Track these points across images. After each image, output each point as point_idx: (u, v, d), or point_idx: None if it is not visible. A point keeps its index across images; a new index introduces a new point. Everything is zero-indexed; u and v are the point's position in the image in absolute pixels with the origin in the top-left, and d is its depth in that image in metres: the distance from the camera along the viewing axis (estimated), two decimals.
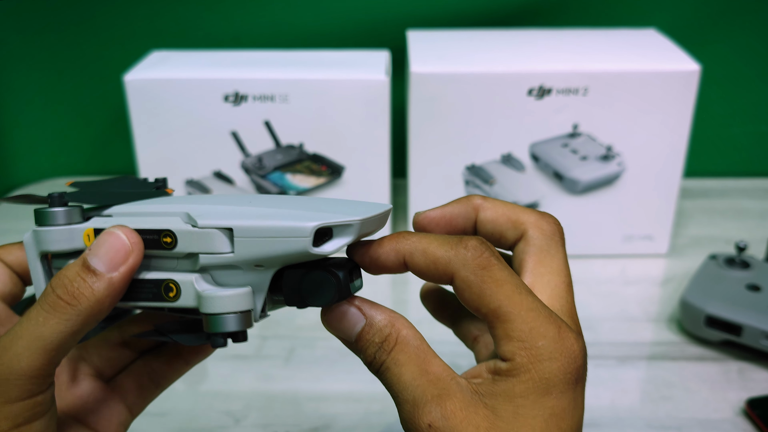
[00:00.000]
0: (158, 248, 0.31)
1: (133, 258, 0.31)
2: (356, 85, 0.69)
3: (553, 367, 0.29)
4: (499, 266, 0.30)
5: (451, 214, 0.35)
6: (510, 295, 0.29)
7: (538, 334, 0.29)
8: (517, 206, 0.35)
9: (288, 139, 0.71)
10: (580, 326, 0.33)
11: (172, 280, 0.32)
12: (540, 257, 0.33)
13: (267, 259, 0.30)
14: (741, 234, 0.79)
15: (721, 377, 0.58)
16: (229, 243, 0.30)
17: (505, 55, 0.70)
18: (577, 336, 0.30)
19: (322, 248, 0.30)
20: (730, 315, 0.59)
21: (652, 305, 0.68)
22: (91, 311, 0.30)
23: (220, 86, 0.69)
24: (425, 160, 0.71)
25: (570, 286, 0.33)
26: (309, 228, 0.29)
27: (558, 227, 0.34)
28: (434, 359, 0.31)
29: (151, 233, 0.31)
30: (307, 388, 0.58)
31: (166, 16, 0.85)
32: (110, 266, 0.30)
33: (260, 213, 0.31)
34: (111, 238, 0.31)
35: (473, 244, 0.30)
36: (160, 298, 0.32)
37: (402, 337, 0.31)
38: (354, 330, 0.32)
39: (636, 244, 0.75)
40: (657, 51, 0.71)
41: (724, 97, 0.89)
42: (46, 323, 0.29)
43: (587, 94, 0.68)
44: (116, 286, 0.30)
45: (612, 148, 0.70)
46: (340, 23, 0.85)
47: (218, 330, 0.31)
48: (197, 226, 0.31)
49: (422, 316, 0.36)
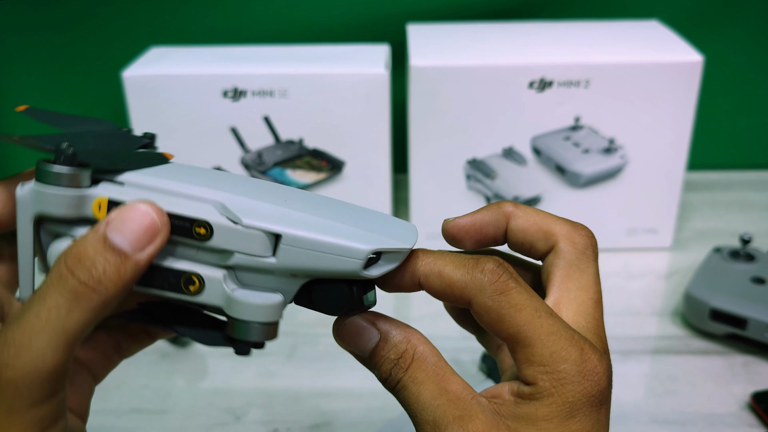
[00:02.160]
0: (188, 237, 0.28)
1: (161, 238, 0.28)
2: (356, 79, 0.68)
3: (577, 390, 0.28)
4: (518, 290, 0.29)
5: (481, 222, 0.34)
6: (529, 320, 0.29)
7: (559, 358, 0.28)
8: (549, 215, 0.34)
9: (287, 135, 0.71)
10: (607, 344, 0.32)
11: (195, 273, 0.29)
12: (569, 272, 0.32)
13: (309, 271, 0.29)
14: (745, 227, 0.78)
15: (726, 371, 0.58)
16: (272, 248, 0.28)
17: (506, 48, 0.70)
18: (600, 357, 0.29)
19: (369, 271, 0.29)
20: (735, 308, 0.58)
21: (656, 299, 0.67)
22: (116, 298, 0.27)
23: (219, 82, 0.68)
24: (426, 155, 0.70)
25: (599, 303, 0.32)
26: (365, 251, 0.28)
27: (591, 240, 0.33)
28: (453, 377, 0.30)
29: (183, 220, 0.28)
30: (308, 384, 0.57)
31: (164, 12, 0.85)
32: (136, 245, 0.27)
33: (311, 223, 0.29)
34: (137, 214, 0.27)
35: (490, 267, 0.29)
36: (177, 289, 0.29)
37: (419, 354, 0.30)
38: (368, 345, 0.31)
39: (640, 237, 0.74)
40: (659, 42, 0.70)
41: (728, 89, 0.88)
42: (69, 314, 0.26)
43: (589, 86, 0.67)
44: (141, 269, 0.27)
45: (614, 140, 0.70)
46: (340, 17, 0.84)
47: (245, 338, 0.29)
48: (241, 224, 0.28)
49: (423, 313, 0.36)
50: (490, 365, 0.56)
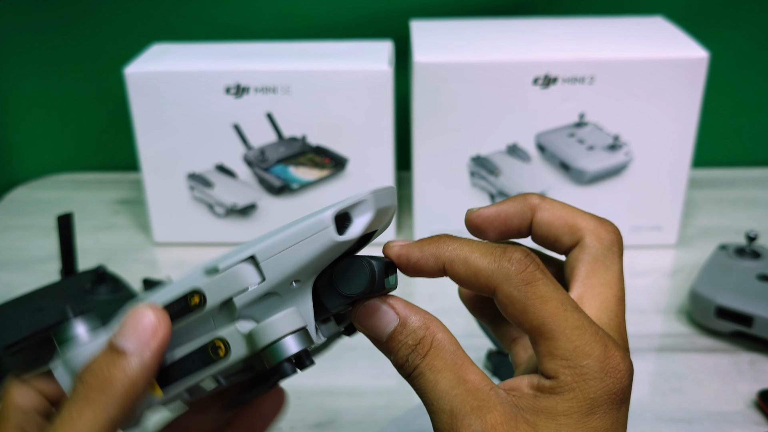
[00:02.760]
0: (190, 313, 0.30)
1: (162, 331, 0.29)
2: (359, 76, 0.68)
3: (598, 387, 0.28)
4: (544, 281, 0.29)
5: (506, 213, 0.33)
6: (555, 312, 0.28)
7: (583, 353, 0.28)
8: (576, 210, 0.33)
9: (290, 131, 0.71)
10: (628, 342, 0.32)
11: (216, 338, 0.30)
12: (594, 267, 0.32)
13: (299, 270, 0.29)
14: (751, 224, 0.78)
15: (732, 369, 0.57)
16: (257, 272, 0.29)
17: (510, 44, 0.69)
18: (624, 354, 0.29)
19: (347, 233, 0.29)
20: (741, 306, 0.58)
21: (662, 296, 0.67)
22: (126, 395, 0.28)
23: (221, 78, 0.68)
24: (429, 152, 0.70)
25: (622, 300, 0.32)
26: (327, 216, 0.28)
27: (617, 237, 0.33)
28: (471, 367, 0.30)
29: (178, 302, 0.30)
30: (311, 382, 0.57)
31: (166, 8, 0.85)
32: (139, 343, 0.29)
33: (273, 232, 0.30)
34: (135, 316, 0.29)
35: (518, 257, 0.29)
36: (211, 362, 0.30)
37: (437, 341, 0.30)
38: (386, 329, 0.31)
39: (644, 234, 0.74)
40: (664, 38, 0.70)
41: (733, 86, 0.88)
42: (80, 417, 0.28)
43: (593, 82, 0.67)
44: (148, 364, 0.29)
45: (619, 137, 0.69)
46: (343, 13, 0.84)
47: (280, 358, 0.29)
48: (219, 270, 0.29)
49: (427, 309, 0.35)
50: (496, 363, 0.55)
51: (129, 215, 0.82)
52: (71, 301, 0.33)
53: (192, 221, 0.75)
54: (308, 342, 0.30)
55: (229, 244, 0.75)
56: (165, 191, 0.73)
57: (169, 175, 0.72)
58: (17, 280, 0.70)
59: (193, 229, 0.75)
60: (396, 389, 0.56)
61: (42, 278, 0.69)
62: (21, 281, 0.69)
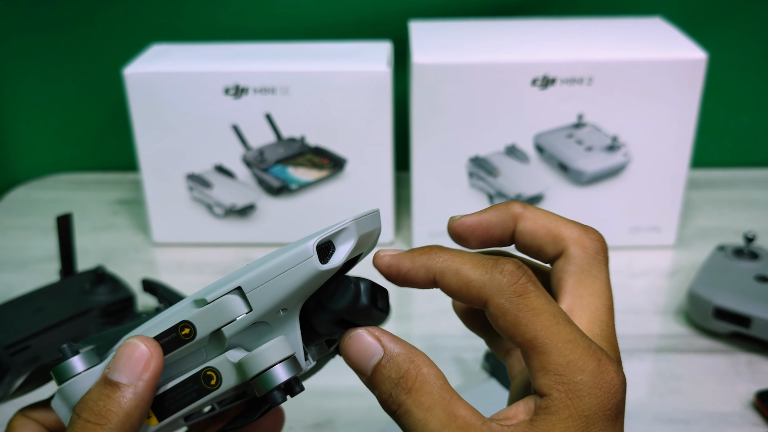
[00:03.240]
0: (181, 344, 0.31)
1: (155, 363, 0.30)
2: (358, 76, 0.68)
3: (593, 403, 0.27)
4: (536, 293, 0.28)
5: (488, 222, 0.33)
6: (547, 326, 0.28)
7: (576, 368, 0.27)
8: (559, 218, 0.33)
9: (289, 132, 0.71)
10: (619, 352, 0.31)
11: (207, 368, 0.31)
12: (581, 278, 0.31)
13: (285, 299, 0.29)
14: (749, 225, 0.78)
15: (730, 369, 0.57)
16: (244, 303, 0.30)
17: (509, 45, 0.69)
18: (617, 368, 0.28)
19: (330, 262, 0.29)
20: (739, 306, 0.58)
21: (660, 297, 0.67)
22: (122, 427, 0.29)
23: (220, 79, 0.68)
24: (428, 152, 0.70)
25: (611, 309, 0.31)
26: (309, 246, 0.29)
27: (602, 245, 0.32)
28: (459, 402, 0.29)
29: (168, 333, 0.31)
30: (309, 383, 0.57)
31: (165, 9, 0.85)
32: (133, 376, 0.29)
33: (259, 263, 0.30)
34: (128, 349, 0.30)
35: (509, 268, 0.29)
36: (204, 392, 0.31)
37: (422, 376, 0.29)
38: (370, 362, 0.30)
39: (643, 235, 0.74)
40: (663, 39, 0.70)
41: (732, 86, 0.88)
42: None
43: (592, 83, 0.67)
44: (143, 395, 0.29)
45: (617, 138, 0.69)
46: (342, 14, 0.84)
47: (270, 387, 0.30)
48: (207, 302, 0.30)
49: (425, 311, 0.35)
50: (493, 364, 0.56)
51: (128, 215, 0.82)
52: (68, 341, 0.33)
53: (191, 222, 0.75)
54: (297, 369, 0.30)
55: (228, 244, 0.75)
56: (164, 192, 0.73)
57: (168, 176, 0.73)
58: (16, 280, 0.70)
59: (192, 229, 0.75)
60: None
61: (41, 278, 0.69)
62: (20, 281, 0.69)
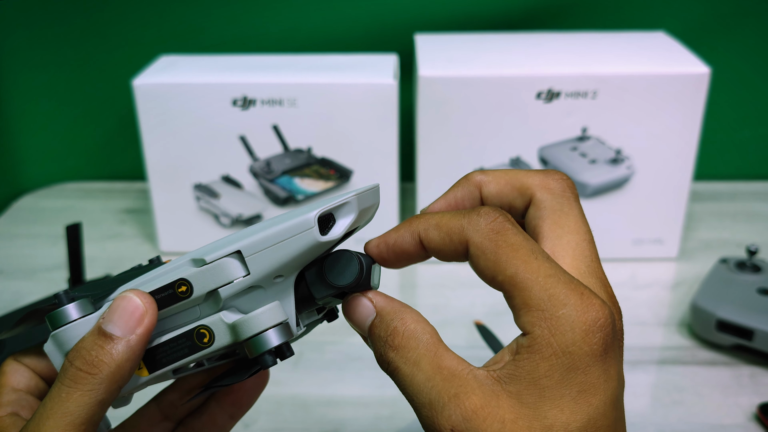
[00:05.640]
0: (176, 301, 0.31)
1: (149, 318, 0.30)
2: (364, 89, 0.68)
3: (576, 338, 0.26)
4: (514, 231, 0.28)
5: (455, 199, 0.33)
6: (526, 260, 0.28)
7: (558, 302, 0.27)
8: (519, 171, 0.33)
9: (296, 143, 0.71)
10: (609, 285, 0.30)
11: (201, 326, 0.31)
12: (554, 219, 0.31)
13: (283, 266, 0.30)
14: (752, 237, 0.78)
15: (733, 382, 0.58)
16: (242, 266, 0.30)
17: (514, 59, 0.70)
18: (602, 302, 0.27)
19: (330, 234, 0.30)
20: (742, 319, 0.59)
21: (663, 309, 0.67)
22: (113, 377, 0.30)
23: (228, 90, 0.69)
24: (434, 164, 0.71)
25: (592, 243, 0.31)
26: (311, 217, 0.29)
27: (567, 182, 0.32)
28: (446, 353, 0.29)
29: (165, 289, 0.31)
30: (315, 392, 0.57)
31: (174, 20, 0.85)
32: (126, 329, 0.30)
33: (260, 227, 0.31)
34: (123, 302, 0.30)
35: (485, 210, 0.29)
36: (196, 348, 0.32)
37: (409, 332, 0.29)
38: (366, 323, 0.31)
39: (646, 247, 0.74)
40: (666, 54, 0.71)
41: (735, 100, 0.88)
42: (69, 398, 0.29)
43: (596, 97, 0.68)
44: (135, 348, 0.30)
45: (621, 151, 0.70)
46: (349, 27, 0.85)
47: (262, 350, 0.30)
48: (206, 262, 0.31)
49: (439, 319, 0.35)
50: None
51: (135, 224, 0.83)
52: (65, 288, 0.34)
53: (198, 231, 0.75)
54: (288, 335, 0.31)
55: None
56: (171, 201, 0.74)
57: (176, 186, 0.73)
58: (24, 289, 0.71)
59: (198, 238, 0.76)
60: (400, 399, 0.57)
61: (49, 287, 0.69)
62: (28, 289, 0.70)
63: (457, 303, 0.68)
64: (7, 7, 0.85)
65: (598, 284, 0.30)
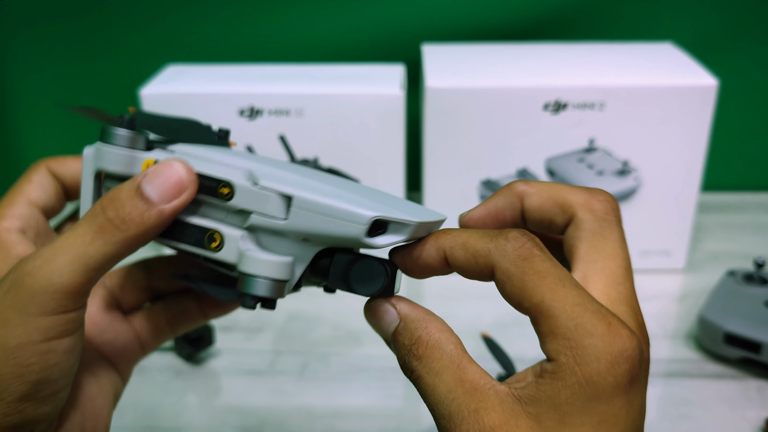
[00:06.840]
0: (213, 196, 0.31)
1: (187, 194, 0.30)
2: (371, 99, 0.69)
3: (602, 368, 0.26)
4: (542, 257, 0.28)
5: (495, 208, 0.33)
6: (553, 288, 0.27)
7: (584, 332, 0.26)
8: (564, 186, 0.32)
9: (303, 154, 0.72)
10: (641, 315, 0.30)
11: (218, 231, 0.31)
12: (592, 242, 0.31)
13: (317, 235, 0.30)
14: (759, 249, 0.78)
15: (740, 395, 0.57)
16: (285, 210, 0.30)
17: (521, 70, 0.70)
18: (631, 332, 0.27)
19: (374, 240, 0.30)
20: (749, 332, 0.58)
21: (670, 322, 0.67)
22: (137, 238, 0.30)
23: (235, 100, 0.69)
24: (440, 174, 0.71)
25: (628, 270, 0.30)
26: (367, 217, 0.29)
27: (612, 204, 0.32)
28: (470, 365, 0.29)
29: (210, 180, 0.31)
30: (321, 403, 0.57)
31: (181, 30, 0.86)
32: (163, 197, 0.30)
33: (323, 189, 0.30)
34: (169, 169, 0.30)
35: (513, 234, 0.29)
36: (201, 245, 0.32)
37: (434, 341, 0.29)
38: (389, 329, 0.31)
39: (653, 259, 0.74)
40: (674, 65, 0.71)
41: (742, 110, 0.88)
42: (92, 243, 0.29)
43: (603, 108, 0.67)
44: (165, 218, 0.30)
45: (628, 162, 0.70)
46: (355, 37, 0.85)
47: (251, 291, 0.31)
48: (258, 185, 0.30)
49: None
50: None
51: None
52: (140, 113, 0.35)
53: None
54: (279, 294, 0.31)
55: None
56: None
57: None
58: None
59: None
60: (406, 411, 0.56)
61: None
62: None
63: (464, 314, 0.68)
64: (13, 19, 0.85)
65: (628, 312, 0.30)
